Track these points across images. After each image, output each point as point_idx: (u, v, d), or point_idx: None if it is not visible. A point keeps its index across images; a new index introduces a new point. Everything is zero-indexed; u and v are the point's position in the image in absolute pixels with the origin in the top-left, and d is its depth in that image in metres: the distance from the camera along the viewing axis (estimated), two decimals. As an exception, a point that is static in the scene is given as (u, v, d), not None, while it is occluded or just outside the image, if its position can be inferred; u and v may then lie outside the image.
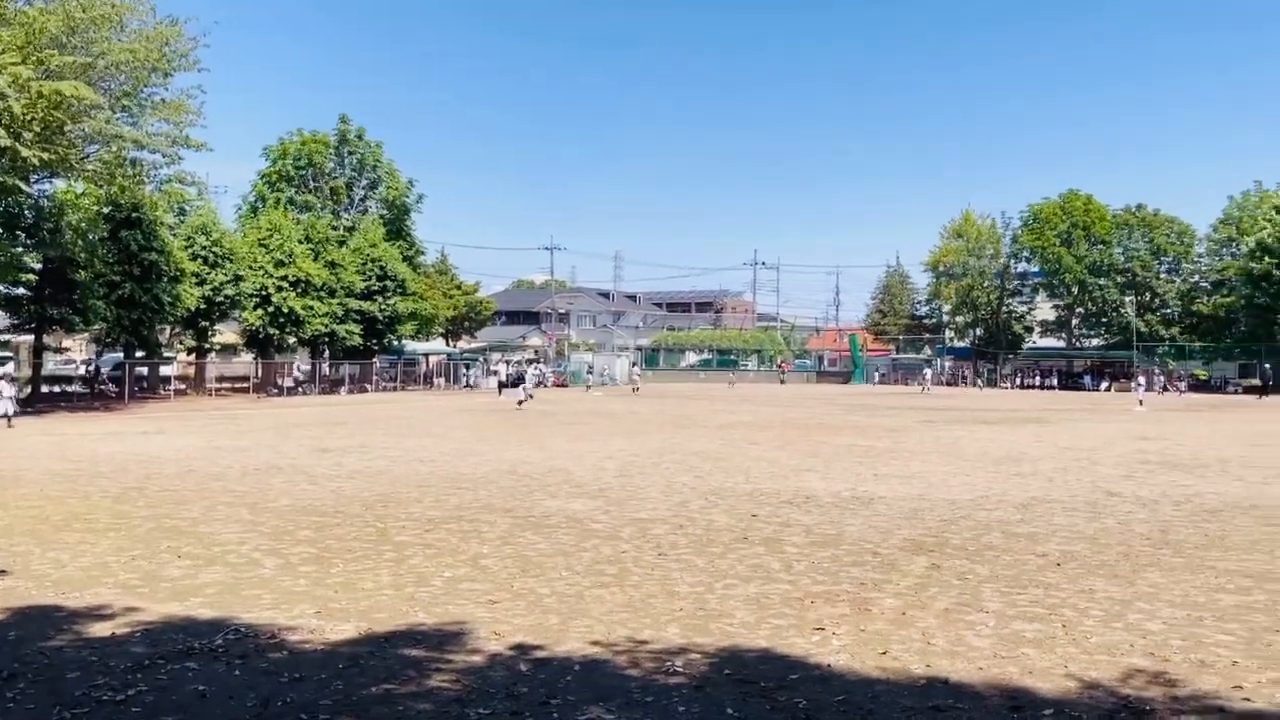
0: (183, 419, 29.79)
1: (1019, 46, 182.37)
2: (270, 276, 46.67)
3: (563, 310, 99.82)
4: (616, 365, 72.82)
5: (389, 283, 53.00)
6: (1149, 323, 67.48)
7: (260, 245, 47.55)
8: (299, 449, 19.77)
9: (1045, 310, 74.13)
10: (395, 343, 56.83)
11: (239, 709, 5.10)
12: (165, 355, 47.54)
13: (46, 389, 40.83)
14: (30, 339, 41.37)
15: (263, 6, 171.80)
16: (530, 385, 40.83)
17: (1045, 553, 9.40)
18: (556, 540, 9.94)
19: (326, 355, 52.94)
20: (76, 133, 31.29)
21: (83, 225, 36.73)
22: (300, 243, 48.93)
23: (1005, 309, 74.43)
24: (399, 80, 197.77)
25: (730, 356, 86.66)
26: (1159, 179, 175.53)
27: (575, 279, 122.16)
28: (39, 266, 36.18)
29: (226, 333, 53.02)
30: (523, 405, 35.95)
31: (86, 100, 28.98)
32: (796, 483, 14.60)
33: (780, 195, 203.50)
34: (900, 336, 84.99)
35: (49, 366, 46.03)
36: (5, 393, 26.50)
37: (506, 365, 59.08)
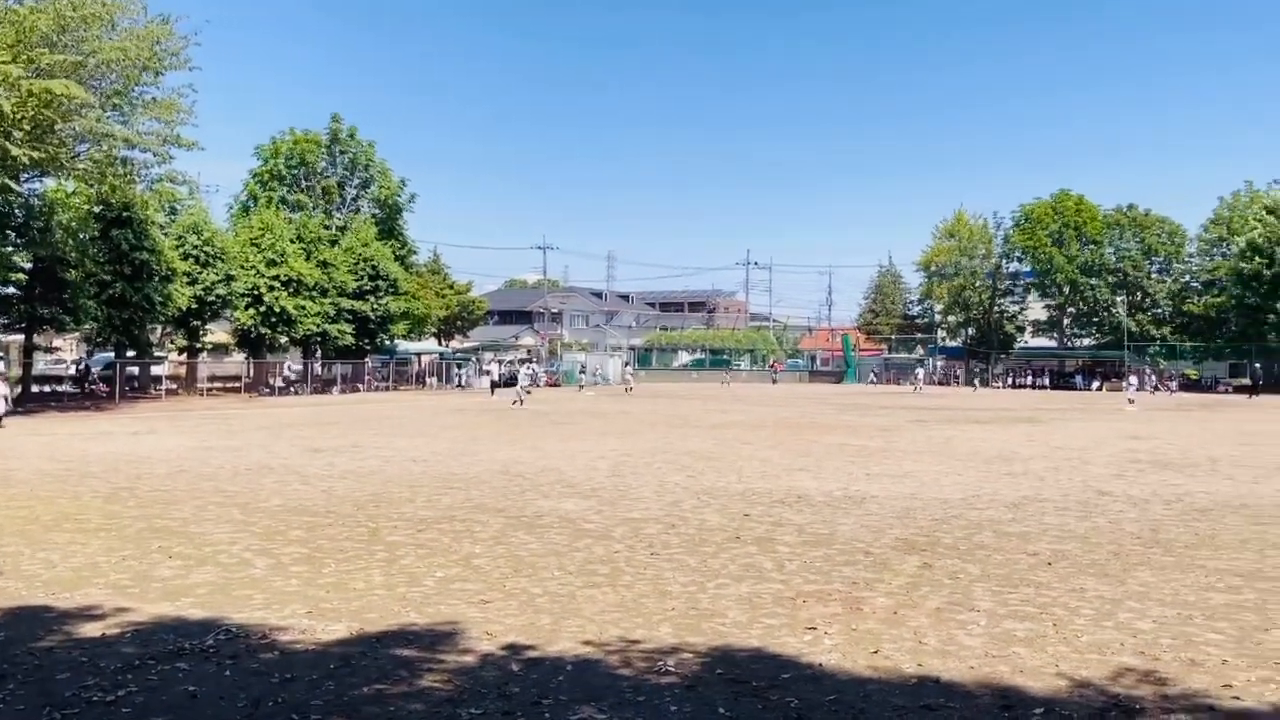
0: (174, 419, 29.70)
1: (1011, 47, 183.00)
2: (262, 276, 46.55)
3: (555, 310, 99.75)
4: (609, 365, 72.81)
5: (381, 282, 52.90)
6: (1140, 322, 67.71)
7: (252, 244, 47.43)
8: (291, 449, 19.73)
9: (1037, 310, 74.38)
10: (387, 342, 56.74)
11: (230, 709, 5.08)
12: (156, 355, 47.35)
13: (37, 389, 40.67)
14: (20, 339, 41.20)
15: (254, 5, 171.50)
16: (525, 385, 40.92)
17: (1036, 552, 9.43)
18: (549, 540, 9.94)
19: (319, 355, 52.81)
20: (67, 131, 31.18)
21: (73, 224, 36.59)
22: (292, 242, 48.82)
23: (997, 309, 74.63)
24: (391, 79, 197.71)
25: (723, 356, 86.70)
26: (1150, 179, 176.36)
27: (568, 278, 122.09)
28: (29, 266, 36.01)
29: (218, 332, 52.83)
30: (516, 405, 35.93)
31: (77, 99, 28.89)
32: (789, 482, 14.61)
33: (773, 195, 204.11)
34: (892, 336, 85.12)
35: (39, 366, 45.88)
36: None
37: (499, 365, 59.12)
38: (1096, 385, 63.61)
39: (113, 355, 43.63)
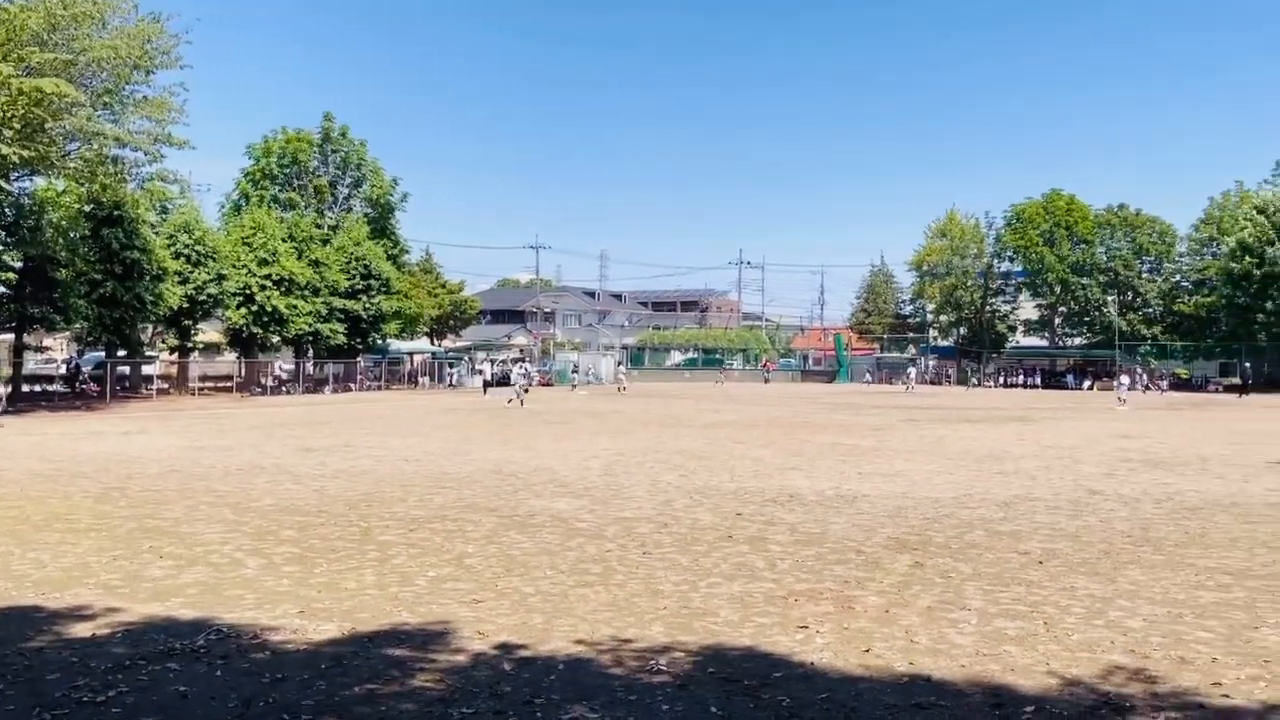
0: (165, 419, 29.61)
1: (1005, 48, 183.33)
2: (254, 275, 46.46)
3: (548, 309, 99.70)
4: (602, 364, 72.78)
5: (373, 281, 52.84)
6: (1131, 322, 67.88)
7: (244, 244, 47.34)
8: (283, 448, 19.69)
9: (1028, 309, 74.50)
10: (380, 342, 56.67)
11: (220, 709, 5.07)
12: (147, 354, 47.23)
13: (27, 388, 40.51)
14: (10, 338, 41.05)
15: (246, 3, 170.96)
16: (521, 384, 41.00)
17: (1027, 550, 9.45)
18: (541, 539, 9.93)
19: (311, 354, 52.72)
20: (57, 130, 31.08)
21: (64, 223, 36.49)
22: (284, 241, 48.73)
23: (989, 308, 74.76)
24: (383, 78, 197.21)
25: (716, 356, 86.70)
26: (1141, 179, 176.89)
27: (561, 278, 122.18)
28: (19, 265, 35.87)
29: (209, 332, 52.73)
30: (513, 404, 35.86)
31: (68, 97, 28.80)
32: (781, 481, 14.63)
33: (766, 195, 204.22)
34: (885, 336, 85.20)
35: (30, 366, 45.69)
36: None
37: (491, 365, 59.01)
38: (1088, 384, 63.74)
39: (103, 355, 43.50)
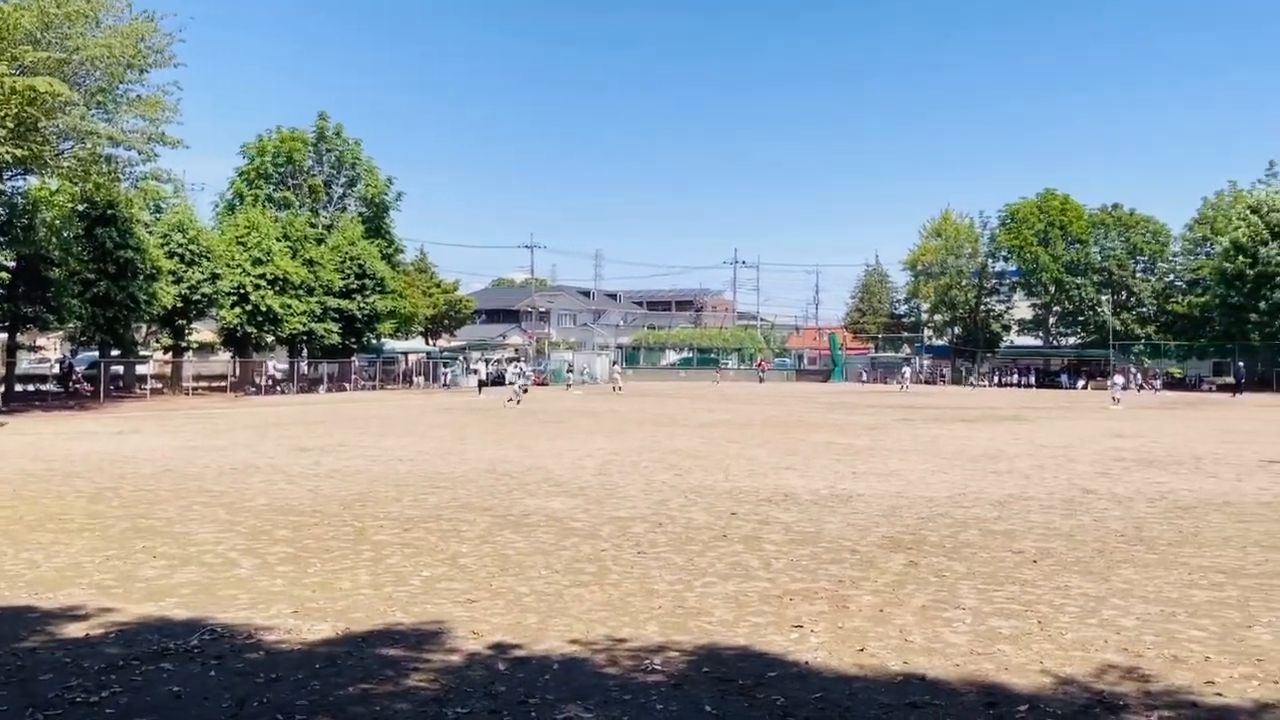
0: (159, 418, 29.55)
1: (999, 48, 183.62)
2: (248, 275, 46.33)
3: (543, 309, 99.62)
4: (597, 364, 72.76)
5: (368, 281, 52.72)
6: (1125, 321, 68.00)
7: (238, 243, 47.20)
8: (277, 448, 19.65)
9: (1023, 309, 74.63)
10: (374, 341, 56.55)
11: (214, 710, 5.06)
12: (141, 354, 47.10)
13: (21, 388, 40.38)
14: (3, 337, 40.90)
15: (242, 1, 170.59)
16: (518, 384, 41.05)
17: (1021, 550, 9.47)
18: (535, 539, 9.93)
19: (305, 354, 52.62)
20: (51, 129, 31.00)
21: (57, 222, 36.36)
22: (278, 240, 48.60)
23: (983, 308, 74.86)
24: (378, 77, 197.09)
25: (711, 355, 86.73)
26: (1135, 179, 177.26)
27: (555, 277, 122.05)
28: (12, 264, 35.76)
29: (204, 331, 52.58)
30: (511, 403, 35.78)
31: (61, 96, 28.72)
32: (775, 480, 14.64)
33: (760, 195, 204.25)
34: (879, 335, 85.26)
35: (23, 365, 45.56)
36: None
37: (486, 364, 58.98)
38: (1082, 384, 63.87)
39: (97, 354, 43.37)
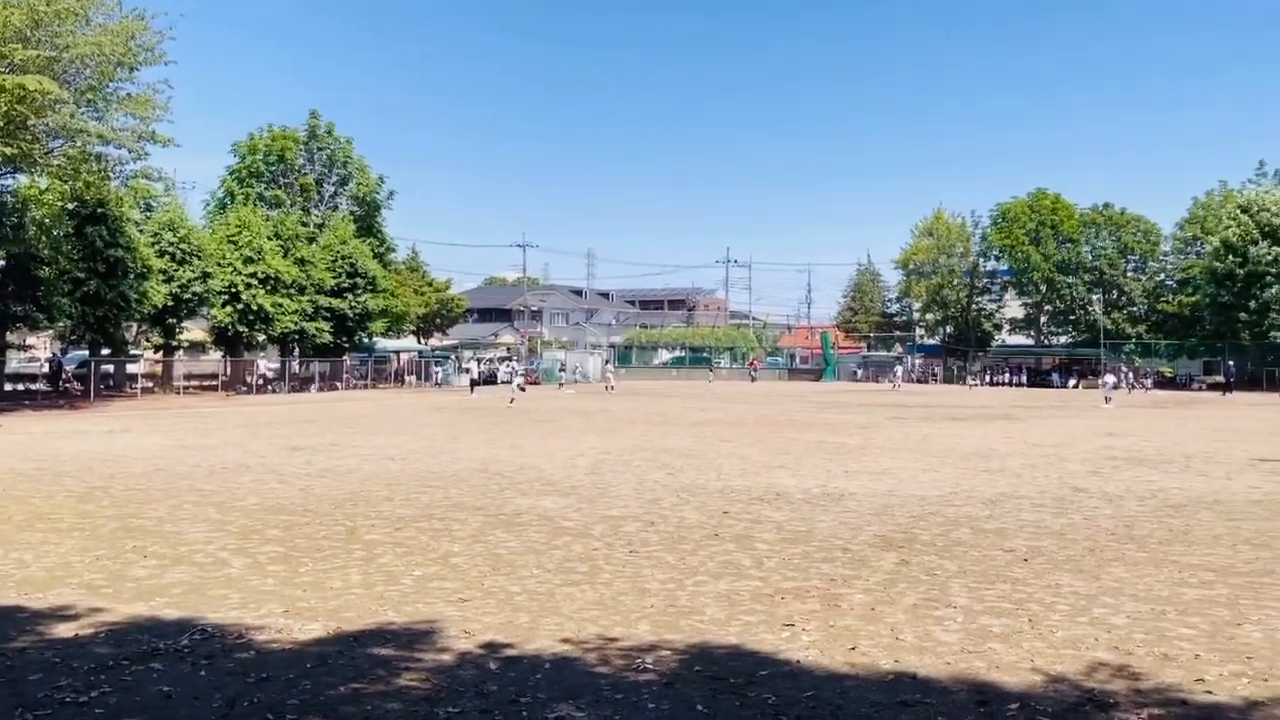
0: (149, 417, 29.44)
1: (993, 49, 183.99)
2: (239, 273, 46.19)
3: (535, 307, 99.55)
4: (589, 363, 72.74)
5: (359, 280, 52.60)
6: (1115, 320, 68.24)
7: (229, 242, 47.05)
8: (268, 447, 19.60)
9: (1014, 308, 74.82)
10: (366, 340, 56.43)
11: (204, 709, 5.05)
12: (132, 353, 46.94)
13: (10, 387, 40.20)
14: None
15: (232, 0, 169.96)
16: (518, 382, 41.06)
17: (1013, 548, 9.49)
18: (527, 538, 9.92)
19: (296, 353, 52.48)
20: (40, 127, 30.84)
21: (47, 221, 36.18)
22: (269, 239, 48.44)
23: (975, 307, 75.06)
24: (370, 76, 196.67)
25: (703, 354, 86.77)
26: (1126, 178, 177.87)
27: (548, 276, 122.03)
28: (1, 263, 35.57)
29: (194, 330, 52.40)
30: (514, 403, 35.63)
31: (51, 95, 28.57)
32: (768, 479, 14.65)
33: (753, 194, 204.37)
34: (871, 334, 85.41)
35: (12, 364, 45.35)
36: None
37: (478, 363, 58.90)
38: (1073, 383, 64.07)
39: (87, 353, 43.20)
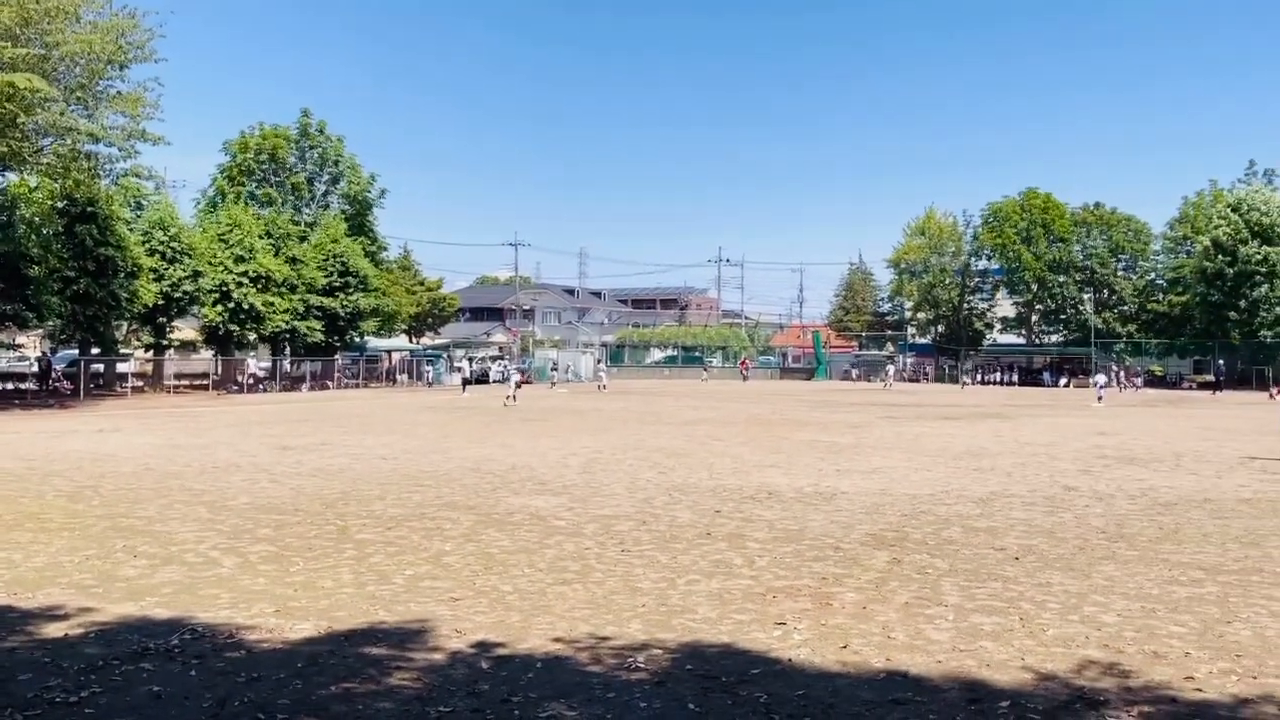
0: (140, 417, 29.34)
1: (988, 49, 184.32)
2: (230, 272, 46.03)
3: (527, 307, 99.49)
4: (581, 362, 72.74)
5: (351, 279, 52.45)
6: (1106, 319, 68.43)
7: (220, 240, 46.89)
8: (259, 447, 19.54)
9: (1006, 307, 75.02)
10: (357, 339, 56.30)
11: (195, 709, 5.03)
12: (122, 352, 46.77)
13: (-1, 386, 40.10)
14: (-18, 335, 40.64)
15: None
16: (515, 380, 41.06)
17: (1004, 547, 9.52)
18: (519, 537, 9.91)
19: (288, 352, 52.34)
20: (30, 125, 30.72)
21: (36, 219, 36.06)
22: (261, 238, 48.29)
23: (966, 306, 75.23)
24: (362, 74, 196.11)
25: (695, 354, 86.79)
26: (1117, 178, 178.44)
27: (540, 275, 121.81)
28: (-9, 262, 35.46)
29: (185, 329, 52.25)
30: (510, 402, 35.54)
31: (40, 93, 28.47)
32: (759, 478, 14.66)
33: (745, 193, 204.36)
34: (863, 333, 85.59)
35: (1, 363, 45.17)
36: None
37: (470, 362, 58.84)
38: (1064, 382, 64.26)
39: (77, 352, 43.04)
